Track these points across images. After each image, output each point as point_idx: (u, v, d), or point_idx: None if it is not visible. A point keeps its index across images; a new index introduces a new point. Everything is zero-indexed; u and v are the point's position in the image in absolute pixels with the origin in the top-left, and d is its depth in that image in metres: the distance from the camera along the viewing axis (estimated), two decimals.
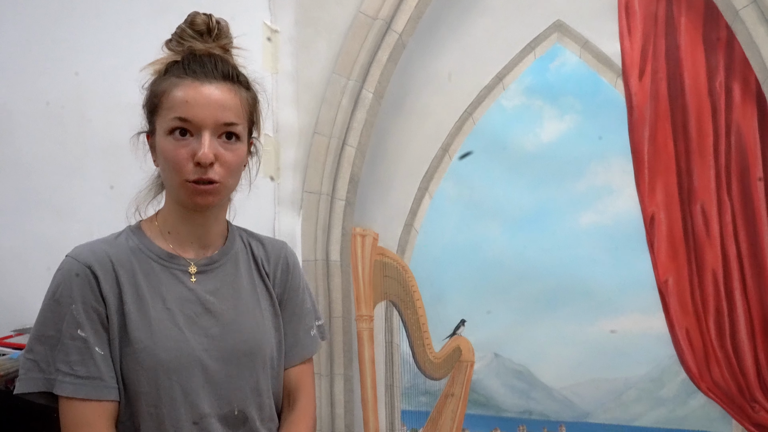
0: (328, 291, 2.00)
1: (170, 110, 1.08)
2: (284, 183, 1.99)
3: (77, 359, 1.06)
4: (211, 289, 1.16)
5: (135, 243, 1.15)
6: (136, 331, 1.08)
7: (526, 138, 1.93)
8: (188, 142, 1.08)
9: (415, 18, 1.96)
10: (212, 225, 1.18)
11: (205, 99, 1.08)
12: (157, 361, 1.08)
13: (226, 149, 1.10)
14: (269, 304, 1.22)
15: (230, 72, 1.12)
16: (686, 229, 1.86)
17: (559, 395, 1.94)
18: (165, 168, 1.11)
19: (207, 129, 1.08)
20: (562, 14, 1.90)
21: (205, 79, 1.09)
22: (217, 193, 1.10)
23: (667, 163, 1.87)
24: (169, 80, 1.10)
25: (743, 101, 1.83)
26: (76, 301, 1.07)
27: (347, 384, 1.99)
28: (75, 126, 2.00)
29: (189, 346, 1.10)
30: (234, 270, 1.19)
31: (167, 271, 1.14)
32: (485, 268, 1.95)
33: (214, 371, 1.12)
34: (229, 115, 1.10)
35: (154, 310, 1.10)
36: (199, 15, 1.14)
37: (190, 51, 1.12)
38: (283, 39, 1.98)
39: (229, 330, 1.15)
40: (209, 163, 1.07)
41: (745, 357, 1.84)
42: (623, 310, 1.88)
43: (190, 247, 1.17)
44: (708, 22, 1.83)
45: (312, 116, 1.99)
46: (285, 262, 1.27)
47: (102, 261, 1.10)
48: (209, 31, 1.13)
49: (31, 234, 1.99)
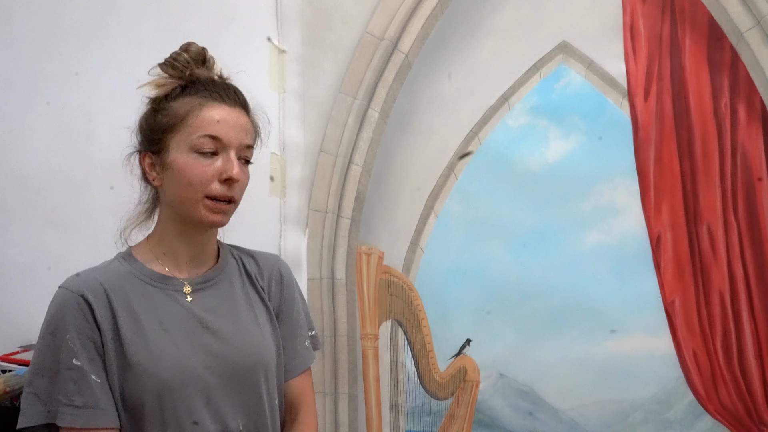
0: (333, 309, 1.99)
1: (199, 128, 1.12)
2: (290, 201, 2.00)
3: (74, 389, 1.07)
4: (208, 306, 1.16)
5: (127, 268, 1.15)
6: (135, 355, 1.09)
7: (532, 157, 1.94)
8: (214, 161, 1.12)
9: (421, 38, 1.98)
10: (207, 244, 1.20)
11: (235, 121, 1.14)
12: (159, 381, 1.08)
13: (243, 171, 1.15)
14: (266, 317, 1.23)
15: (245, 101, 1.19)
16: (692, 250, 1.86)
17: (565, 416, 1.92)
18: (183, 184, 1.12)
19: (233, 149, 1.13)
20: (568, 35, 1.92)
21: (232, 103, 1.15)
22: (229, 213, 1.15)
23: (673, 184, 1.87)
24: (193, 100, 1.13)
25: (748, 122, 1.83)
26: (71, 331, 1.08)
27: (351, 403, 1.98)
28: (83, 143, 2.01)
29: (190, 365, 1.11)
30: (229, 286, 1.20)
31: (162, 293, 1.14)
32: (490, 287, 1.94)
33: (217, 388, 1.12)
34: (249, 138, 1.17)
35: (151, 331, 1.11)
36: (194, 44, 1.18)
37: (195, 76, 1.16)
38: (290, 58, 2.00)
39: (230, 346, 1.15)
40: (238, 180, 1.12)
41: (753, 379, 1.82)
42: (629, 330, 1.87)
43: (185, 267, 1.18)
44: (712, 44, 1.84)
45: (318, 135, 2.00)
46: (278, 275, 1.28)
47: (94, 289, 1.11)
48: (204, 61, 1.18)
49: (37, 249, 1.99)
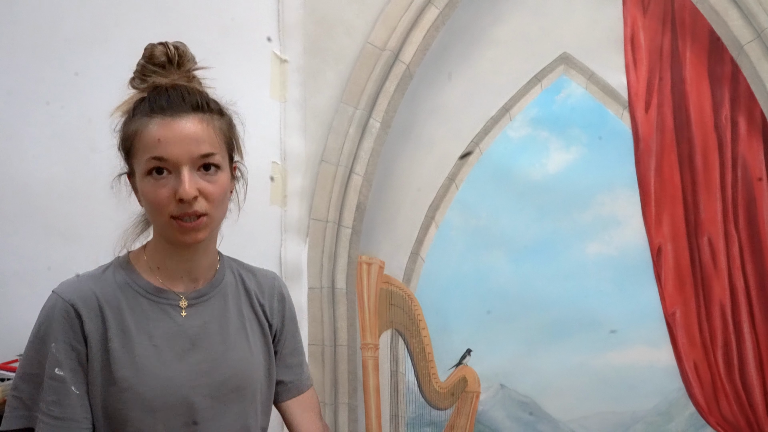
0: (333, 319, 1.99)
1: (144, 151, 1.05)
2: (291, 210, 2.00)
3: (53, 399, 1.06)
4: (200, 323, 1.14)
5: (123, 278, 1.13)
6: (121, 369, 1.07)
7: (533, 168, 1.94)
8: (167, 180, 1.05)
9: (422, 49, 1.98)
10: (201, 258, 1.15)
11: (178, 135, 1.05)
12: (141, 400, 1.06)
13: (208, 181, 1.07)
14: (260, 337, 1.20)
15: (198, 102, 1.08)
16: (693, 261, 1.86)
17: (566, 428, 1.91)
18: (149, 209, 1.09)
19: (184, 165, 1.04)
20: (569, 47, 1.93)
21: (175, 114, 1.06)
22: (205, 228, 1.08)
23: (674, 195, 1.87)
24: (139, 120, 1.07)
25: (749, 134, 1.84)
26: (57, 340, 1.07)
27: (351, 413, 1.97)
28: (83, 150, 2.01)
29: (175, 384, 1.08)
30: (222, 303, 1.17)
31: (156, 306, 1.12)
32: (491, 297, 1.94)
33: (202, 408, 1.10)
34: (205, 146, 1.06)
35: (140, 347, 1.09)
36: (156, 46, 1.11)
37: (154, 86, 1.09)
38: (292, 68, 2.01)
39: (218, 365, 1.12)
40: (192, 198, 1.04)
41: (754, 391, 1.82)
42: (630, 341, 1.87)
43: (180, 281, 1.14)
44: (713, 56, 1.85)
45: (319, 144, 2.00)
46: (280, 293, 1.25)
47: (87, 299, 1.09)
48: (170, 61, 1.10)
49: (37, 256, 1.99)
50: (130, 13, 1.98)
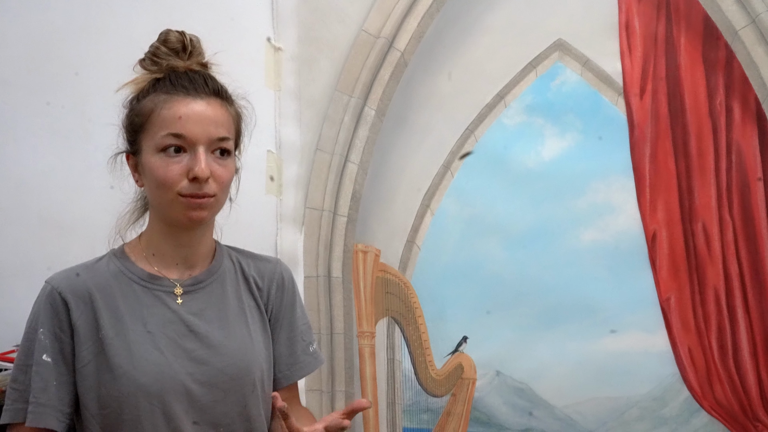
0: (329, 307, 1.99)
1: (162, 127, 1.07)
2: (286, 199, 2.00)
3: (40, 386, 1.06)
4: (196, 310, 1.12)
5: (116, 266, 1.13)
6: (115, 356, 1.07)
7: (528, 156, 1.94)
8: (181, 158, 1.06)
9: (417, 37, 1.98)
10: (198, 244, 1.15)
11: (199, 115, 1.07)
12: (137, 386, 1.06)
13: (219, 165, 1.08)
14: (260, 325, 1.19)
15: (219, 88, 1.12)
16: (688, 247, 1.87)
17: (561, 413, 1.93)
18: (154, 186, 1.08)
19: (201, 145, 1.06)
20: (563, 33, 1.92)
21: (197, 95, 1.08)
22: (211, 208, 1.09)
23: (668, 182, 1.87)
24: (157, 97, 1.08)
25: (743, 120, 1.84)
26: (44, 326, 1.07)
27: (348, 401, 1.98)
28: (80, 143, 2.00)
29: (171, 370, 1.07)
30: (221, 290, 1.16)
31: (150, 293, 1.11)
32: (487, 285, 1.95)
33: (199, 396, 1.08)
34: (222, 130, 1.09)
35: (133, 333, 1.08)
36: (173, 32, 1.12)
37: (170, 68, 1.11)
38: (286, 57, 2.00)
39: (215, 353, 1.11)
40: (206, 178, 1.05)
41: (748, 376, 1.83)
42: (625, 327, 1.88)
43: (175, 268, 1.14)
44: (707, 42, 1.85)
45: (314, 133, 1.99)
46: (280, 278, 1.23)
47: (76, 288, 1.09)
48: (184, 49, 1.12)
49: (33, 249, 1.99)
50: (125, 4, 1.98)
